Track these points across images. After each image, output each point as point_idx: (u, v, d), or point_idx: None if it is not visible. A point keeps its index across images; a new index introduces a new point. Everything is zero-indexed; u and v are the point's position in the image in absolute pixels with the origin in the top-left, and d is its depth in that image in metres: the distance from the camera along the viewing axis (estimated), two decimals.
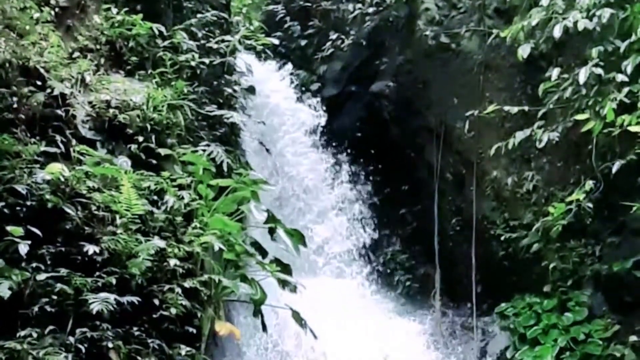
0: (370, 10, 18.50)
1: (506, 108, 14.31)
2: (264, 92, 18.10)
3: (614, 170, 12.73)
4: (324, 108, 18.74)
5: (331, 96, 19.01)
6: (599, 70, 12.70)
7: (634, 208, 12.51)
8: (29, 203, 9.31)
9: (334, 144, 18.32)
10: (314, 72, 19.61)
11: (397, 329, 15.23)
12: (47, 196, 9.45)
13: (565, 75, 13.55)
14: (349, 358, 13.69)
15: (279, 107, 18.40)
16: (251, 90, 16.53)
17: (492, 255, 15.45)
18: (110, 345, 8.93)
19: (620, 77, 12.46)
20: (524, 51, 13.74)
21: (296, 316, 11.75)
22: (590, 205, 13.31)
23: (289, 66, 19.33)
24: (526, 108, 14.27)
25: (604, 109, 12.50)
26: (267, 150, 16.42)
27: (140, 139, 11.52)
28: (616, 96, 12.45)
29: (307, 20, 20.61)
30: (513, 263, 15.07)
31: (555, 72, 13.51)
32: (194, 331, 9.99)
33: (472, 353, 14.94)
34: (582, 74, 12.77)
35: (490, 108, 14.41)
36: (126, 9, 13.18)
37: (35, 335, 8.53)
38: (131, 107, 11.75)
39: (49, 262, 9.12)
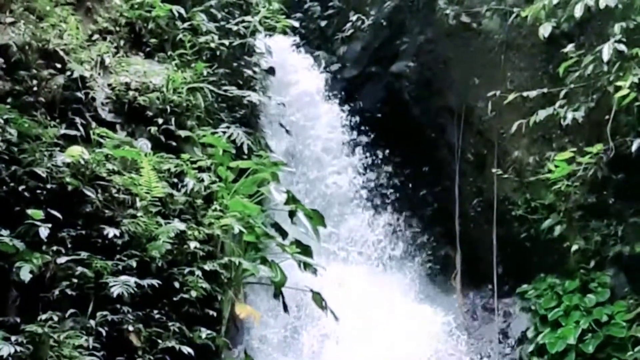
0: None
1: (525, 94, 14.18)
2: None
3: (633, 148, 12.63)
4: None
5: (351, 77, 18.92)
6: (622, 47, 12.57)
7: None
8: (49, 186, 9.36)
9: (354, 125, 18.21)
10: (334, 53, 19.52)
11: (418, 310, 15.22)
12: (67, 179, 9.49)
13: (582, 51, 13.48)
14: (368, 341, 13.71)
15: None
16: (271, 71, 16.49)
17: (514, 236, 15.36)
18: (130, 328, 8.99)
19: None
20: (545, 30, 13.64)
21: (317, 298, 11.76)
22: (601, 170, 13.29)
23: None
24: (545, 90, 14.15)
25: (626, 82, 12.38)
26: (287, 131, 16.37)
27: (160, 121, 11.55)
28: (638, 73, 12.33)
29: (326, 1, 20.49)
30: (534, 244, 14.99)
31: (569, 46, 13.46)
32: (214, 314, 10.01)
33: (493, 334, 14.89)
34: (606, 51, 12.63)
35: (511, 97, 14.24)
36: None
37: (56, 318, 8.58)
38: (151, 89, 11.78)
39: (69, 245, 9.16)
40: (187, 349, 9.26)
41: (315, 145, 17.61)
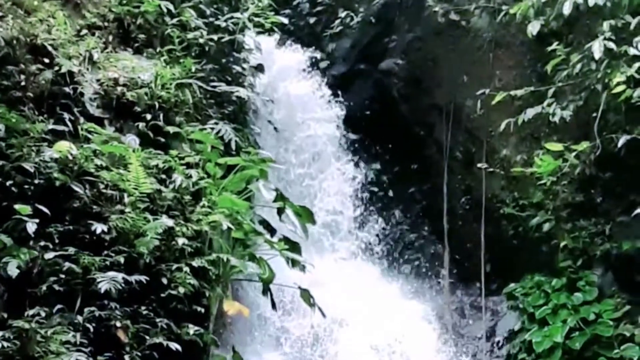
0: None
1: (513, 92, 14.18)
2: None
3: (619, 144, 12.67)
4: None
5: (340, 74, 18.87)
6: (611, 45, 12.59)
7: None
8: (37, 181, 9.34)
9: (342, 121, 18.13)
10: (323, 50, 19.46)
11: (406, 309, 15.19)
12: (55, 174, 9.46)
13: (570, 49, 13.51)
14: (356, 338, 13.69)
15: None
16: (260, 68, 16.43)
17: (502, 234, 15.41)
18: (118, 324, 8.97)
19: (632, 51, 12.33)
20: (533, 28, 13.64)
21: (305, 295, 11.71)
22: (589, 169, 13.35)
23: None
24: (532, 88, 14.17)
25: (613, 81, 12.41)
26: (275, 129, 16.31)
27: (149, 117, 11.51)
28: (626, 71, 12.35)
29: None
30: (522, 242, 15.03)
31: (557, 44, 13.54)
32: (202, 310, 9.99)
33: (481, 332, 14.91)
34: (596, 48, 12.62)
35: (499, 96, 14.22)
36: None
37: (43, 314, 8.57)
38: (139, 84, 11.74)
39: (57, 241, 9.14)
40: (174, 345, 9.24)
41: (317, 217, 14.83)
